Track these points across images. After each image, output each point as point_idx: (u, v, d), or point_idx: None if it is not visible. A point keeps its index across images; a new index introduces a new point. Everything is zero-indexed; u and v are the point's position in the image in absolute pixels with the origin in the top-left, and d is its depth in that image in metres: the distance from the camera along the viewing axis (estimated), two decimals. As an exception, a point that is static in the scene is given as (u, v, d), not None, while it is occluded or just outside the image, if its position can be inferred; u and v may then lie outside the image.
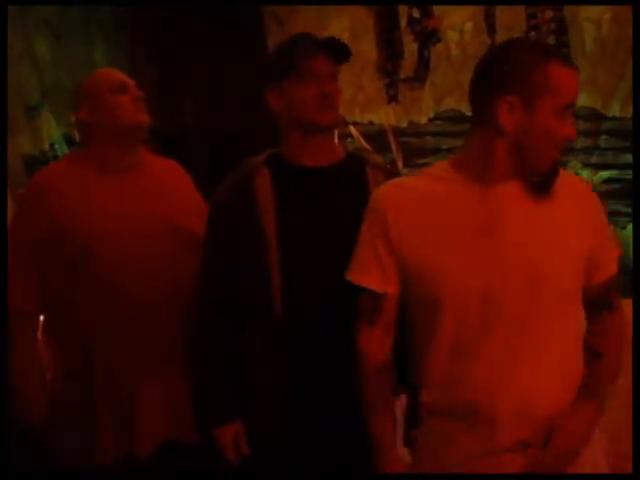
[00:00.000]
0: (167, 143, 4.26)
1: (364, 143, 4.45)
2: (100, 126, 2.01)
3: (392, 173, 1.84)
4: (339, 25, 4.43)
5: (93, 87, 2.04)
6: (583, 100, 3.98)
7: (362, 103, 4.55)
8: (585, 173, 3.76)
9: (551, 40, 3.84)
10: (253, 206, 1.74)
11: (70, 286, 1.98)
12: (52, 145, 3.98)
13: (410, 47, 4.20)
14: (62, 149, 3.96)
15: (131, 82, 2.05)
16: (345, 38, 4.49)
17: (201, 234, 1.94)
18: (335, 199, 1.78)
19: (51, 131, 3.98)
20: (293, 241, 1.74)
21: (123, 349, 1.98)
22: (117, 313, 1.96)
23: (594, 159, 3.95)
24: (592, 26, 3.88)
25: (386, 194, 1.54)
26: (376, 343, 1.57)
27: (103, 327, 1.97)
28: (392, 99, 4.33)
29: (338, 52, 1.75)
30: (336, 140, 4.31)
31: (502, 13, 3.92)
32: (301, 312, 1.74)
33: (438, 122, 4.34)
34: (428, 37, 4.08)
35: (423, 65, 4.15)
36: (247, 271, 1.77)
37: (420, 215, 1.47)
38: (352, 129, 4.52)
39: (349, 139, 4.52)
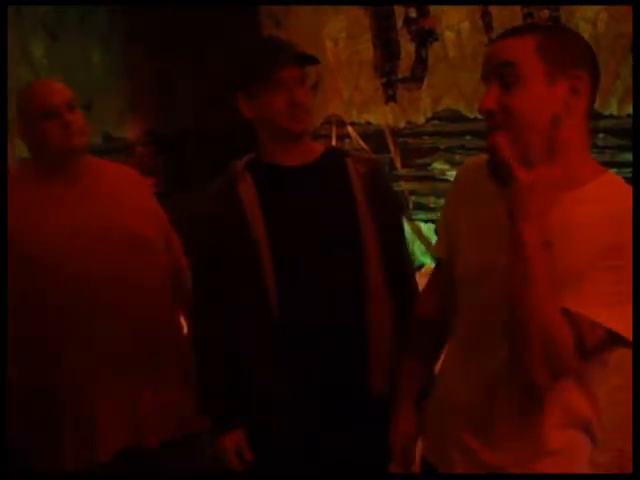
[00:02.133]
0: (165, 143, 4.27)
1: (362, 143, 4.45)
2: (32, 147, 2.00)
3: (373, 162, 1.85)
4: (335, 25, 4.43)
5: (22, 109, 1.99)
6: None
7: (359, 103, 4.55)
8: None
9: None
10: (240, 213, 1.74)
11: (30, 297, 1.95)
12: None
13: (407, 47, 4.21)
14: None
15: (64, 102, 1.94)
16: (342, 38, 4.51)
17: (155, 236, 1.96)
18: (319, 194, 1.78)
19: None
20: (284, 242, 1.74)
21: (83, 353, 1.95)
22: (76, 317, 1.93)
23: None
24: (588, 25, 3.87)
25: (461, 171, 1.55)
26: (424, 298, 1.64)
27: (63, 332, 1.94)
28: (390, 99, 4.33)
29: (304, 60, 1.74)
30: (334, 142, 4.33)
31: (498, 12, 3.92)
32: (298, 313, 1.74)
33: (436, 122, 4.35)
34: (425, 37, 4.08)
35: (420, 65, 4.15)
36: (241, 277, 1.77)
37: (468, 199, 1.47)
38: (350, 129, 4.52)
39: (347, 139, 4.52)
